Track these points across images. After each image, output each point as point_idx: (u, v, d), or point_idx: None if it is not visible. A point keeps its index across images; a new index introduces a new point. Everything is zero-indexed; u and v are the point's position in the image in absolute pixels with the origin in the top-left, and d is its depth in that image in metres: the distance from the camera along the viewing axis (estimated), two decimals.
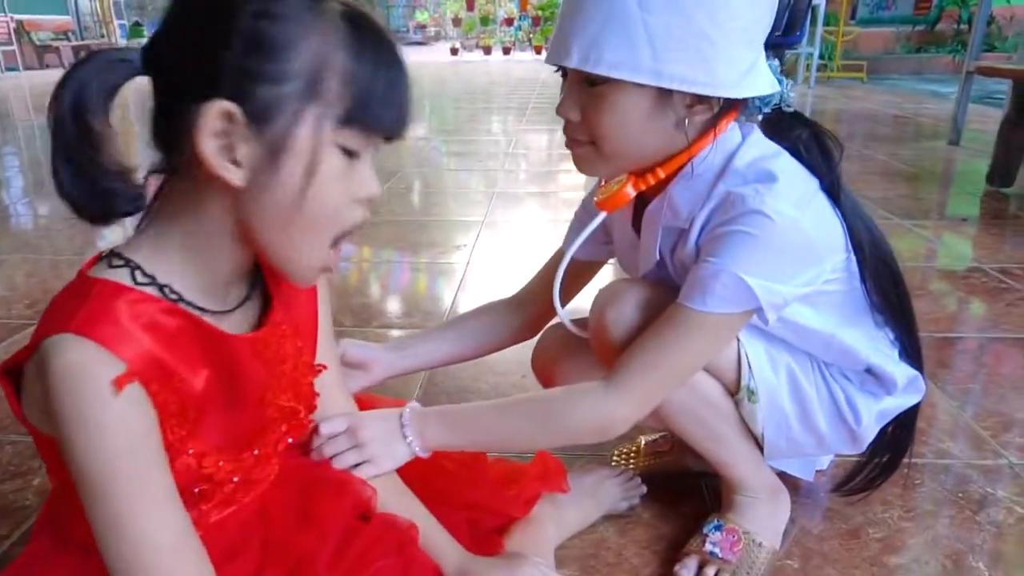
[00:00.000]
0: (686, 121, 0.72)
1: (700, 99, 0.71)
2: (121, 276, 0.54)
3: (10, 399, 0.56)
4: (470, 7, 14.55)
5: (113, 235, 2.29)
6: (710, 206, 0.75)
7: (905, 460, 0.92)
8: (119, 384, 0.50)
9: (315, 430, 0.75)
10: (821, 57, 7.20)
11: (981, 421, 1.17)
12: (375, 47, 0.54)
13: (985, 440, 1.12)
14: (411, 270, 1.97)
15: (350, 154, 0.55)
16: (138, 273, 0.55)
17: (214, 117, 0.50)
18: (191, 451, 0.57)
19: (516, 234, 2.30)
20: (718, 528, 0.87)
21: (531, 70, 9.88)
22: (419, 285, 1.88)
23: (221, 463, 0.60)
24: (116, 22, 11.85)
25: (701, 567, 0.85)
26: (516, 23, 14.47)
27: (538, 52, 13.36)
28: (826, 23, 7.17)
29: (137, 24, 11.50)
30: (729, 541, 0.86)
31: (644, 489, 0.98)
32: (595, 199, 0.83)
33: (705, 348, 0.76)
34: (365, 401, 0.85)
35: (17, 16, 9.79)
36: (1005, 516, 0.95)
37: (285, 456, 0.69)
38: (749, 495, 0.88)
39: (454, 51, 13.60)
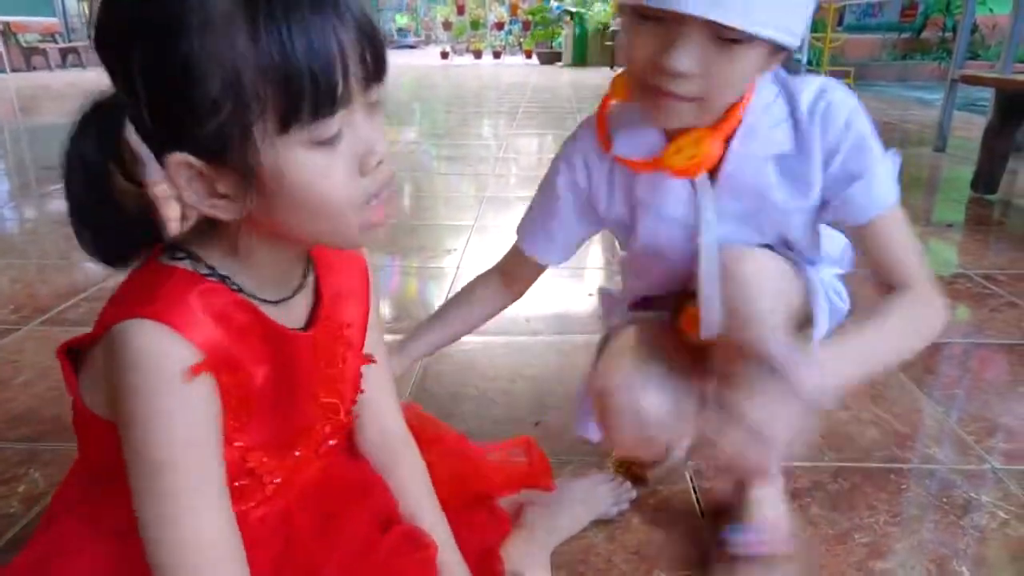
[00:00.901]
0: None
1: (782, 50, 0.70)
2: (187, 266, 0.54)
3: (68, 377, 0.56)
4: (460, 11, 14.58)
5: None
6: (814, 125, 0.75)
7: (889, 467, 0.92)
8: (195, 371, 0.50)
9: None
10: (809, 63, 7.25)
11: (966, 426, 1.19)
12: (278, 12, 0.45)
13: (970, 445, 1.13)
14: (401, 274, 1.97)
15: (325, 142, 0.49)
16: (201, 265, 0.54)
17: (177, 169, 0.48)
18: (238, 444, 0.57)
19: (506, 238, 2.30)
20: (739, 532, 0.87)
21: (521, 74, 9.90)
22: (409, 289, 1.88)
23: (265, 459, 0.60)
24: None
25: None
26: (506, 27, 14.52)
27: (528, 56, 13.40)
28: (813, 30, 7.23)
29: None
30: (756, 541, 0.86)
31: (634, 494, 0.99)
32: (672, 167, 0.75)
33: None
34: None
35: (3, 18, 9.71)
36: (988, 521, 0.96)
37: (325, 458, 0.69)
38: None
39: (444, 55, 13.61)
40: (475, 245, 2.20)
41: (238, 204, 0.51)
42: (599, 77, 9.24)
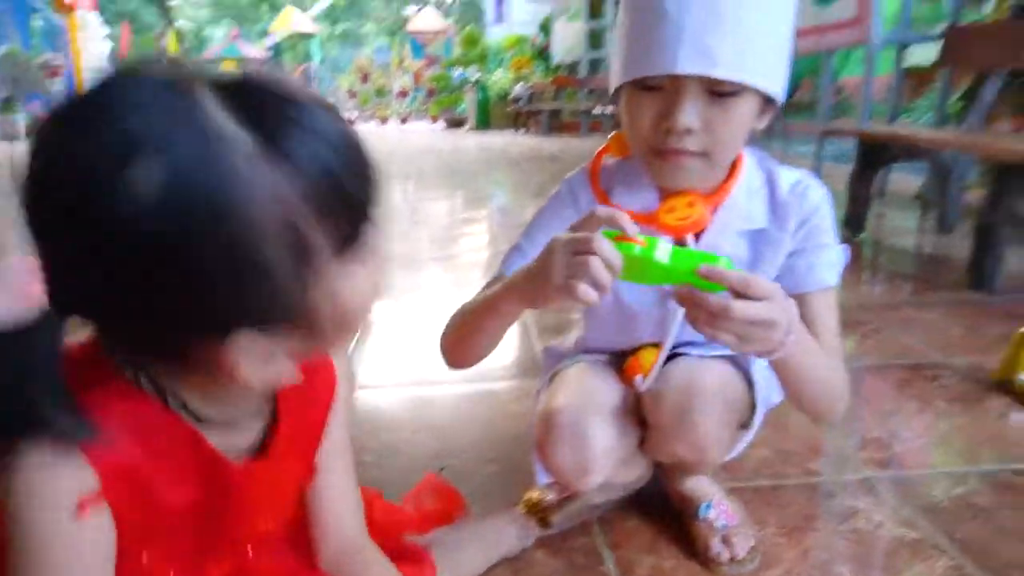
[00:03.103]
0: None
1: (767, 107, 0.78)
2: (127, 372, 0.51)
3: None
4: (364, 80, 14.80)
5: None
6: (792, 202, 0.84)
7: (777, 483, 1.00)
8: (84, 506, 0.47)
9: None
10: None
11: (842, 441, 1.28)
12: (312, 159, 0.45)
13: (846, 458, 1.22)
14: None
15: (361, 256, 0.50)
16: (142, 374, 0.51)
17: (241, 350, 0.45)
18: (145, 559, 0.54)
19: (418, 298, 2.32)
20: (709, 507, 0.98)
21: (428, 139, 10.09)
22: None
23: (171, 573, 0.57)
24: None
25: (726, 543, 0.94)
26: (411, 95, 14.81)
27: (434, 121, 13.69)
28: None
29: (8, 100, 10.94)
30: (724, 510, 0.98)
31: (538, 532, 1.00)
32: (665, 224, 0.79)
33: None
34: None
35: None
36: (864, 524, 1.03)
37: (244, 561, 0.65)
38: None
39: (350, 122, 13.69)
40: (384, 304, 2.20)
41: (292, 358, 0.49)
42: (503, 140, 9.53)
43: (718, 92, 0.72)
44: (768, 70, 0.73)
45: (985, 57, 2.95)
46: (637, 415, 0.93)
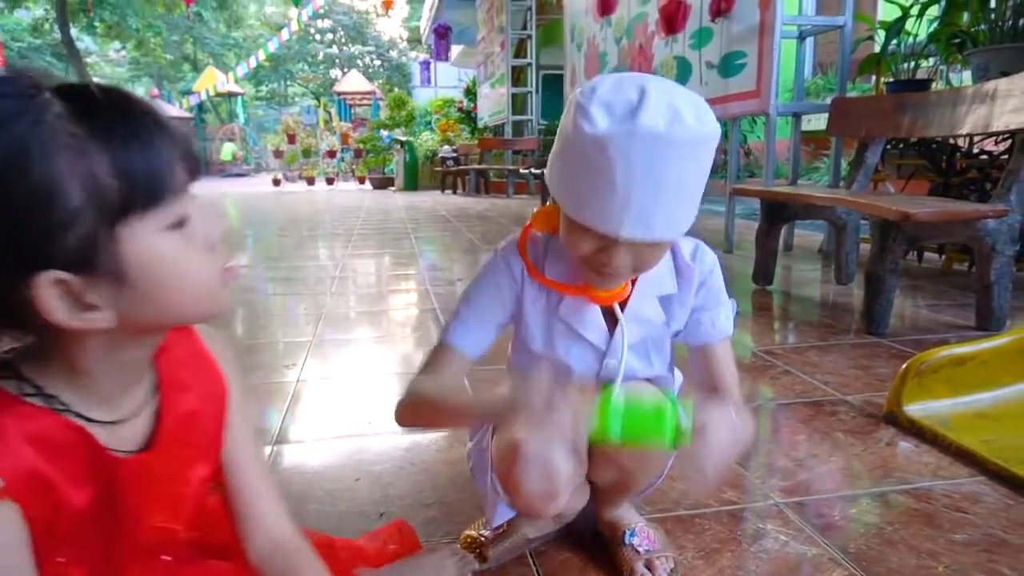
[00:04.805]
0: None
1: None
2: (8, 387, 0.55)
3: None
4: (291, 140, 14.82)
5: None
6: (694, 268, 0.98)
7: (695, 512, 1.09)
8: None
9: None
10: None
11: (752, 472, 1.39)
12: (113, 123, 0.52)
13: (756, 487, 1.33)
14: None
15: (178, 224, 0.55)
16: (26, 384, 0.55)
17: (45, 289, 0.50)
18: (59, 560, 0.57)
19: (348, 351, 2.36)
20: (633, 534, 1.07)
21: (355, 199, 10.13)
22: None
23: None
24: None
25: (649, 567, 1.03)
26: (339, 155, 14.90)
27: (361, 182, 13.78)
28: None
29: None
30: (647, 536, 1.08)
31: (476, 565, 1.06)
32: (596, 296, 0.92)
33: None
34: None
35: None
36: (772, 544, 1.13)
37: (164, 569, 0.69)
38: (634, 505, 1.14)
39: (276, 182, 13.65)
40: (315, 359, 2.23)
41: (111, 311, 0.53)
42: (430, 199, 9.68)
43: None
44: (690, 219, 0.84)
45: (866, 125, 3.29)
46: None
